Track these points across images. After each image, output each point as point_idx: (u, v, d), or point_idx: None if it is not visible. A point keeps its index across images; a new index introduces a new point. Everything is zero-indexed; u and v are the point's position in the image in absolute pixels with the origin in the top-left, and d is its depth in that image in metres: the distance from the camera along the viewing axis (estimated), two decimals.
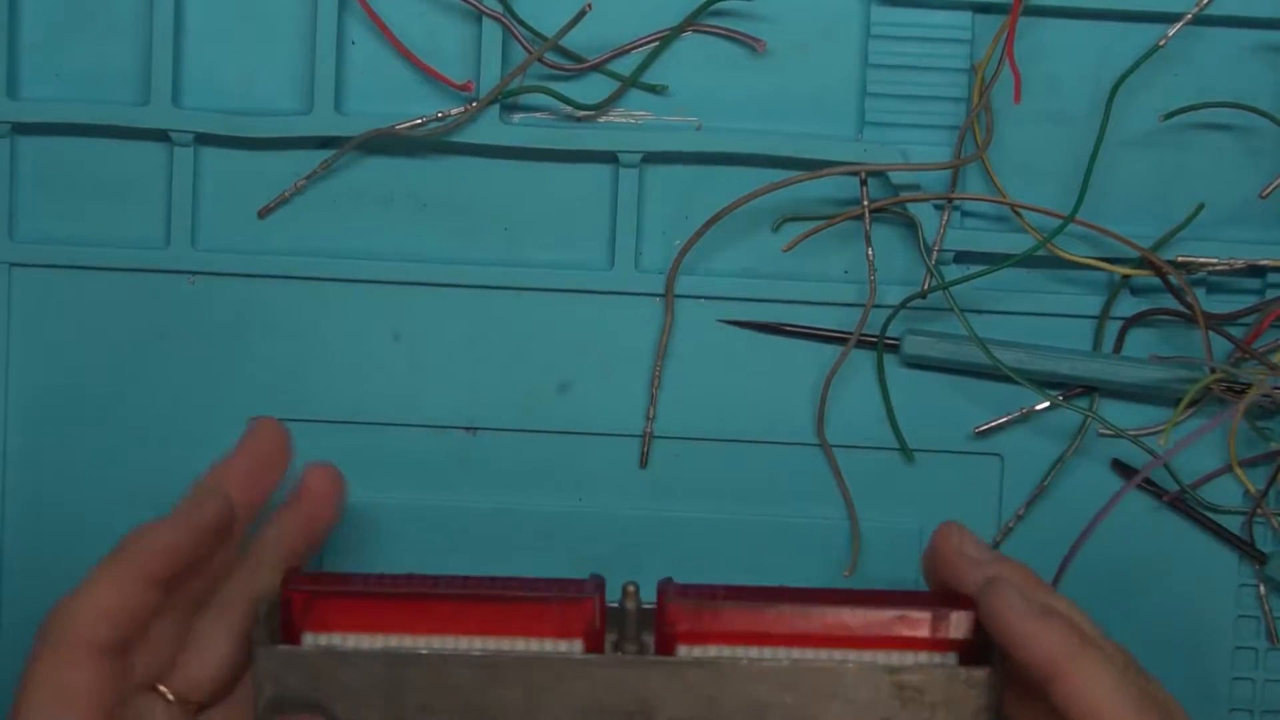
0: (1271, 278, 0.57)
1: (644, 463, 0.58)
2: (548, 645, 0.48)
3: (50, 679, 0.45)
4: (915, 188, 0.56)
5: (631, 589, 0.49)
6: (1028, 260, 0.56)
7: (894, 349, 0.57)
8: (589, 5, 0.55)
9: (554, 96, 0.56)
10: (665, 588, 0.49)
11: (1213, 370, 0.55)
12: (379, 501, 0.58)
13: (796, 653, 0.48)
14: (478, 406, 0.58)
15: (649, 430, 0.57)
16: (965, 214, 0.57)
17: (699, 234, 0.56)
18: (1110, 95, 0.56)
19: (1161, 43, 0.56)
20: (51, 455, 0.57)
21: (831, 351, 0.57)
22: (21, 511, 0.57)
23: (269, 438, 0.52)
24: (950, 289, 0.56)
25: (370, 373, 0.58)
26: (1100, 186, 0.56)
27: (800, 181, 0.55)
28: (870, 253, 0.57)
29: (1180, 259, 0.56)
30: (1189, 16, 0.56)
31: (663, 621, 0.49)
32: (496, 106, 0.56)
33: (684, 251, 0.56)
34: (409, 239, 0.57)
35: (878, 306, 0.57)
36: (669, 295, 0.57)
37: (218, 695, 0.49)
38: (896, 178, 0.56)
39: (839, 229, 0.57)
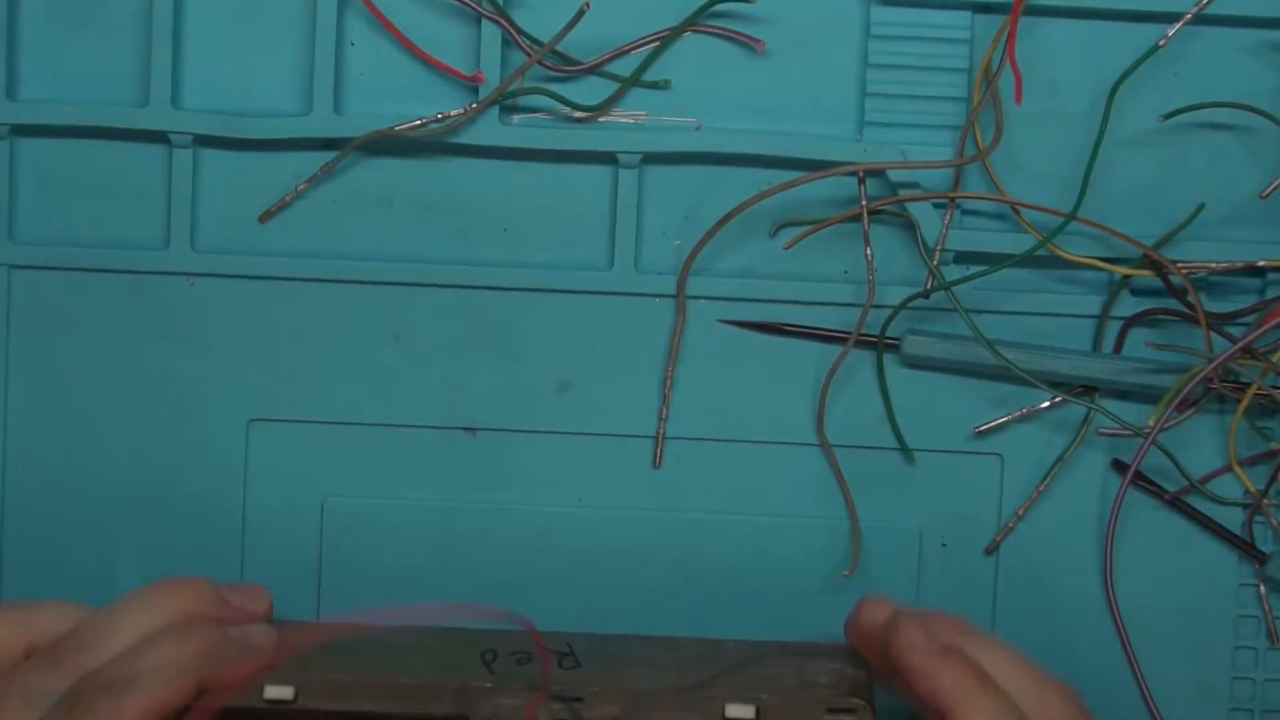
0: (1271, 277, 0.57)
1: (657, 463, 0.58)
2: None
3: None
4: (914, 187, 0.56)
5: None
6: (1028, 260, 0.56)
7: (894, 349, 0.57)
8: (587, 5, 0.55)
9: (554, 98, 0.56)
10: None
11: (1209, 360, 0.55)
12: (379, 502, 0.58)
13: None
14: (478, 406, 0.58)
15: (661, 431, 0.58)
16: (965, 213, 0.57)
17: (710, 234, 0.56)
18: (1110, 95, 0.55)
19: (1161, 43, 0.56)
20: (51, 456, 0.57)
21: (831, 351, 0.57)
22: (21, 512, 0.57)
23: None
24: (950, 289, 0.56)
25: (370, 373, 0.58)
26: (1100, 186, 0.56)
27: (808, 181, 0.55)
28: (869, 253, 0.57)
29: (1180, 264, 0.56)
30: (1189, 16, 0.56)
31: None
32: (496, 108, 0.56)
33: (695, 251, 0.56)
34: (409, 240, 0.57)
35: (877, 306, 0.57)
36: (680, 295, 0.57)
37: None
38: (896, 177, 0.56)
39: (839, 229, 0.57)
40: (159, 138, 0.56)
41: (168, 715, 0.46)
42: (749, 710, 0.48)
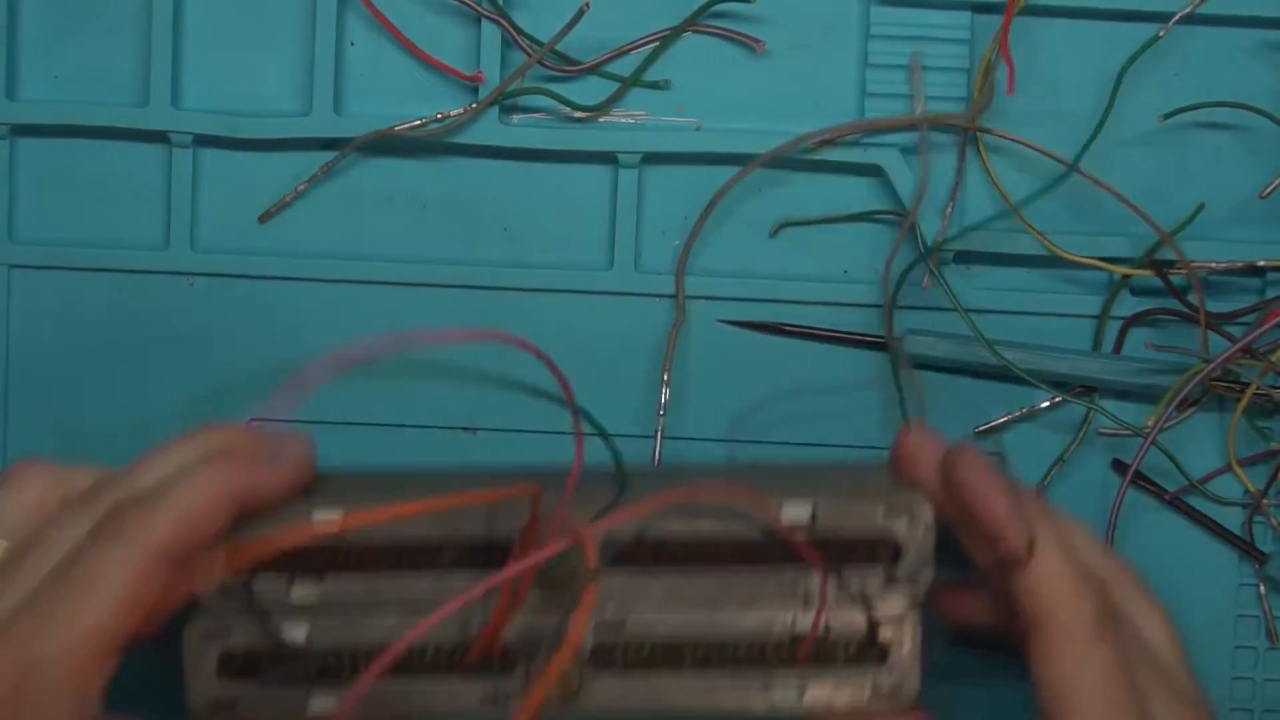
0: (1271, 277, 0.57)
1: (657, 464, 0.58)
2: None
3: (119, 585, 0.42)
4: (913, 188, 0.56)
5: None
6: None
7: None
8: (587, 5, 0.55)
9: (553, 98, 0.56)
10: None
11: (1207, 360, 0.55)
12: None
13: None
14: (478, 406, 0.58)
15: (661, 431, 0.57)
16: (965, 214, 0.57)
17: (699, 225, 0.56)
18: (1116, 82, 0.55)
19: (1162, 33, 0.55)
20: (51, 457, 0.57)
21: (831, 351, 0.57)
22: None
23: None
24: (951, 289, 0.56)
25: (370, 373, 0.58)
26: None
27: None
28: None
29: (1180, 264, 0.56)
30: (1190, 8, 0.56)
31: None
32: (496, 107, 0.56)
33: (688, 246, 0.56)
34: (409, 240, 0.57)
35: (878, 306, 0.57)
36: (679, 294, 0.57)
37: None
38: (896, 177, 0.56)
39: (838, 229, 0.57)
40: (159, 138, 0.56)
41: (204, 536, 0.44)
42: (805, 509, 0.46)
